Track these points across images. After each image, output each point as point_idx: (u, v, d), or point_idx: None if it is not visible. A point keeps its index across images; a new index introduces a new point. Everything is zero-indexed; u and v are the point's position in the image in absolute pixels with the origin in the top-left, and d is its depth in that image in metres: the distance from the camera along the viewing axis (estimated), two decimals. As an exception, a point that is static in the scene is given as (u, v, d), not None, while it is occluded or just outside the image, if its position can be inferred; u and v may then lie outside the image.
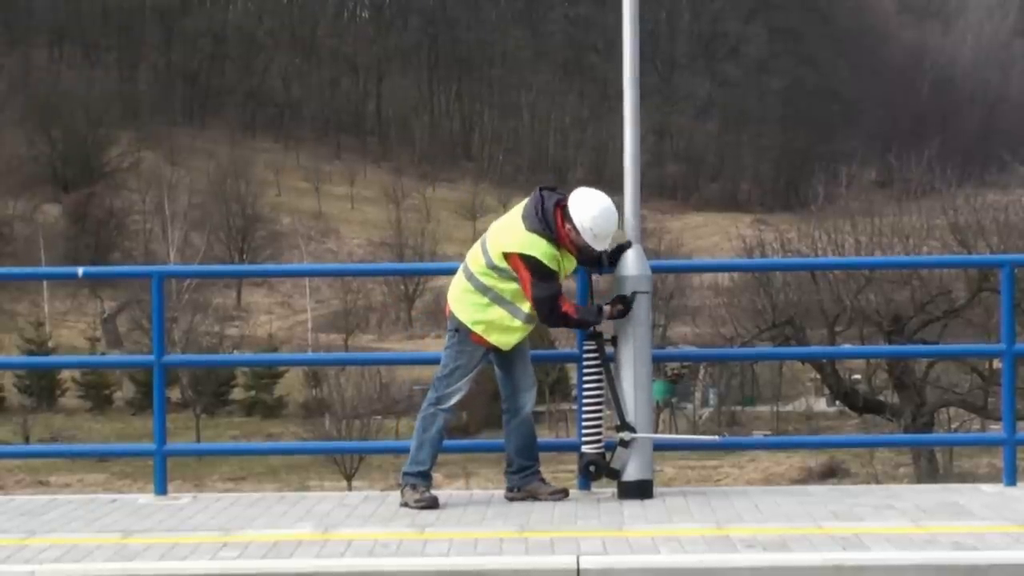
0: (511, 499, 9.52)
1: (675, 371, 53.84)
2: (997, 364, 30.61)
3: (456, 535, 8.30)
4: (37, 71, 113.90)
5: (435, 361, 9.59)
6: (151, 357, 10.30)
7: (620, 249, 9.55)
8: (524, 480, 9.56)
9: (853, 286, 41.66)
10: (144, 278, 11.86)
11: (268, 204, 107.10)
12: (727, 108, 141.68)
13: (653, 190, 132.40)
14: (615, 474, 9.44)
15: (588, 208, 9.26)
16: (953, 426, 44.85)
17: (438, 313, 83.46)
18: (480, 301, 9.29)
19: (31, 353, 63.14)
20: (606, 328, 9.51)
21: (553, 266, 9.16)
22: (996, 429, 29.75)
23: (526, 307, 9.25)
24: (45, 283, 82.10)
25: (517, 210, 9.35)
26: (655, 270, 9.84)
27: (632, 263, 9.46)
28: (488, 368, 9.62)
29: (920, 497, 9.58)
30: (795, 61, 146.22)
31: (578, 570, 7.50)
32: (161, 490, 10.13)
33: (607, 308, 9.35)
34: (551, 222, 9.19)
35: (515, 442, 9.61)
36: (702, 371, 55.57)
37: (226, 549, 8.06)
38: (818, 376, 49.86)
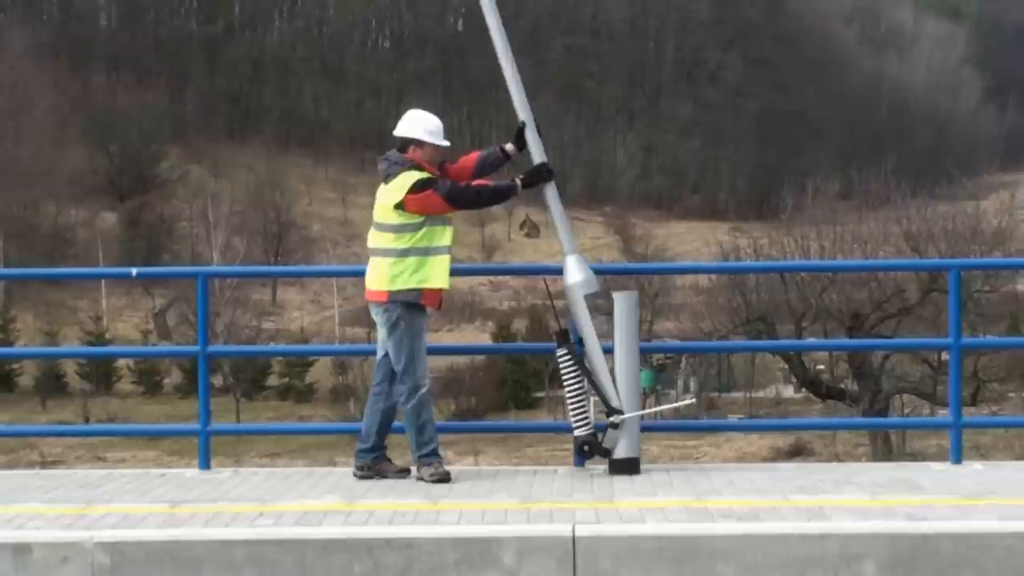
0: (361, 477, 9.51)
1: (660, 361, 53.84)
2: (945, 356, 30.62)
3: (466, 506, 8.32)
4: (96, 93, 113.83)
5: (448, 352, 9.57)
6: (197, 348, 10.34)
7: (520, 132, 9.65)
8: (376, 460, 9.57)
9: (818, 286, 41.65)
10: (190, 278, 11.89)
11: (300, 212, 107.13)
12: (707, 128, 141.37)
13: (641, 200, 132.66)
14: (607, 453, 9.46)
15: (412, 121, 9.47)
16: (906, 411, 44.79)
17: (451, 308, 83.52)
18: (407, 264, 9.24)
19: (91, 344, 63.28)
20: (590, 329, 9.53)
21: (431, 174, 9.28)
22: (944, 414, 29.73)
23: (442, 240, 9.28)
24: (103, 282, 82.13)
25: (382, 188, 9.40)
26: (645, 272, 9.90)
27: (574, 270, 9.45)
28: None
29: (876, 474, 9.59)
30: (767, 86, 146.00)
31: (574, 538, 7.51)
32: (205, 465, 10.15)
33: (519, 179, 9.53)
34: (401, 160, 9.34)
35: (378, 420, 9.62)
36: (684, 362, 55.50)
37: (263, 518, 8.09)
38: (786, 366, 49.78)
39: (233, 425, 40.03)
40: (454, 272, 9.52)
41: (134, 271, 10.86)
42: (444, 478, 9.28)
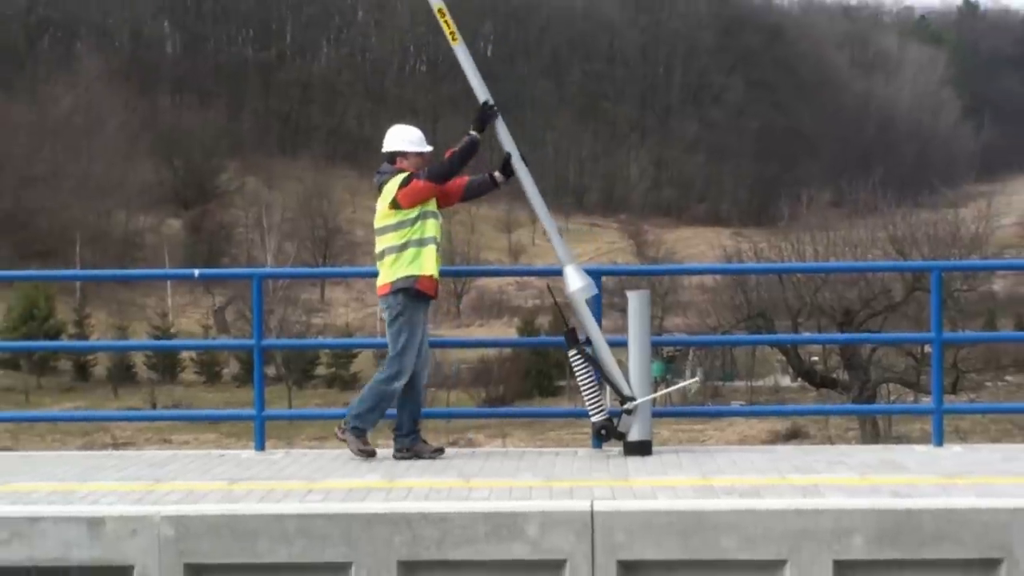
0: (400, 458, 9.49)
1: (670, 353, 53.67)
2: (928, 349, 30.48)
3: (495, 484, 8.32)
4: (162, 114, 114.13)
5: (475, 345, 9.58)
6: (252, 341, 10.37)
7: (507, 162, 9.93)
8: (412, 442, 9.56)
9: (812, 286, 41.49)
10: (247, 278, 11.98)
11: (345, 219, 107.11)
12: (711, 144, 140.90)
13: (652, 209, 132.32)
14: (622, 436, 9.46)
15: (394, 136, 9.60)
16: (892, 398, 44.61)
17: (481, 307, 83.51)
18: (406, 255, 9.30)
19: (157, 337, 63.52)
20: (595, 328, 9.53)
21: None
22: (926, 401, 29.59)
23: (431, 231, 9.36)
24: (168, 282, 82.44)
25: (380, 201, 9.46)
26: (656, 273, 9.91)
27: (574, 278, 9.49)
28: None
29: (865, 455, 9.57)
30: (767, 107, 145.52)
31: (592, 513, 7.51)
32: (260, 447, 10.19)
33: (472, 129, 9.84)
34: (391, 170, 9.46)
35: (408, 409, 9.60)
36: (691, 353, 55.31)
37: (312, 494, 8.10)
38: (784, 358, 49.63)
39: (285, 411, 40.19)
40: (477, 274, 9.62)
41: (196, 272, 10.90)
42: (371, 455, 9.42)
